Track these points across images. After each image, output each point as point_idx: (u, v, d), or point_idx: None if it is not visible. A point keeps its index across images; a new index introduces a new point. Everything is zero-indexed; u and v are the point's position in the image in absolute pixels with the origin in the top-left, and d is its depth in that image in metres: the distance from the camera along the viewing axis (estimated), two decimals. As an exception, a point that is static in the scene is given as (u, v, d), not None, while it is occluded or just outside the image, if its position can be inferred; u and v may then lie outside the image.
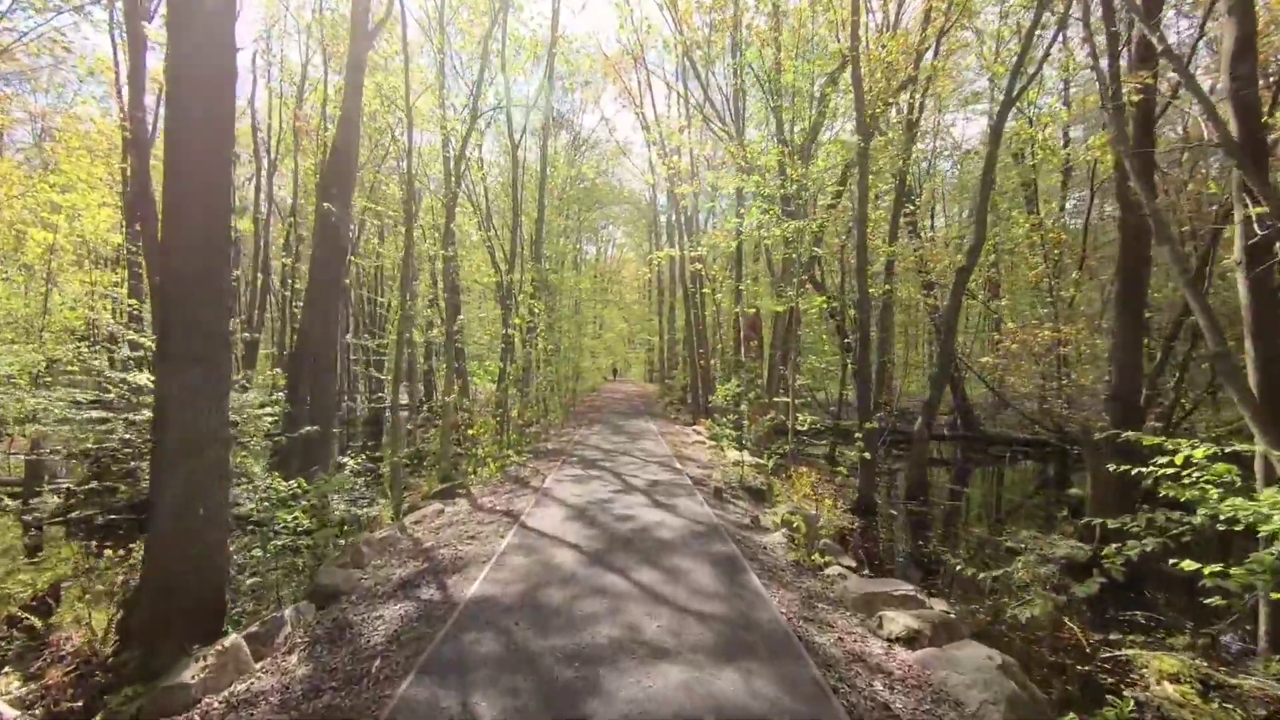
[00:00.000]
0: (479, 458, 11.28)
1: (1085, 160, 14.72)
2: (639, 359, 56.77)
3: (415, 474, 13.19)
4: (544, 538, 6.11)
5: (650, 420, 19.63)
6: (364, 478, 11.89)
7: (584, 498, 8.02)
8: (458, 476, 10.70)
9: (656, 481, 9.22)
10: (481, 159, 23.23)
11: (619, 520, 6.75)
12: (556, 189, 29.31)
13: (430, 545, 6.19)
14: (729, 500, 8.74)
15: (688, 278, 22.08)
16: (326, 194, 10.59)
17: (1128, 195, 6.89)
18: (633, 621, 4.05)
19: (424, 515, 8.07)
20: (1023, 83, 11.92)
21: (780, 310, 13.73)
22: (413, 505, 8.98)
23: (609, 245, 50.61)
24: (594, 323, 38.82)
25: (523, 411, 15.06)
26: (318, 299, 10.61)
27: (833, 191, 16.68)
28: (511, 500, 8.20)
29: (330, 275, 10.68)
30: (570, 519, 6.86)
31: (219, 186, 4.91)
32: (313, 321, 10.59)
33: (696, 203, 21.75)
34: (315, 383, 10.40)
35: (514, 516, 7.08)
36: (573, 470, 10.26)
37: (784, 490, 10.62)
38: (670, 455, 11.96)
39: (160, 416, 4.61)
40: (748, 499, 9.26)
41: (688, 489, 8.81)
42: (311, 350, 10.58)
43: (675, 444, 14.10)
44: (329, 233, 10.65)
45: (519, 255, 16.76)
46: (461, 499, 8.94)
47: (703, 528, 6.57)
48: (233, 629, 4.73)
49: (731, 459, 12.19)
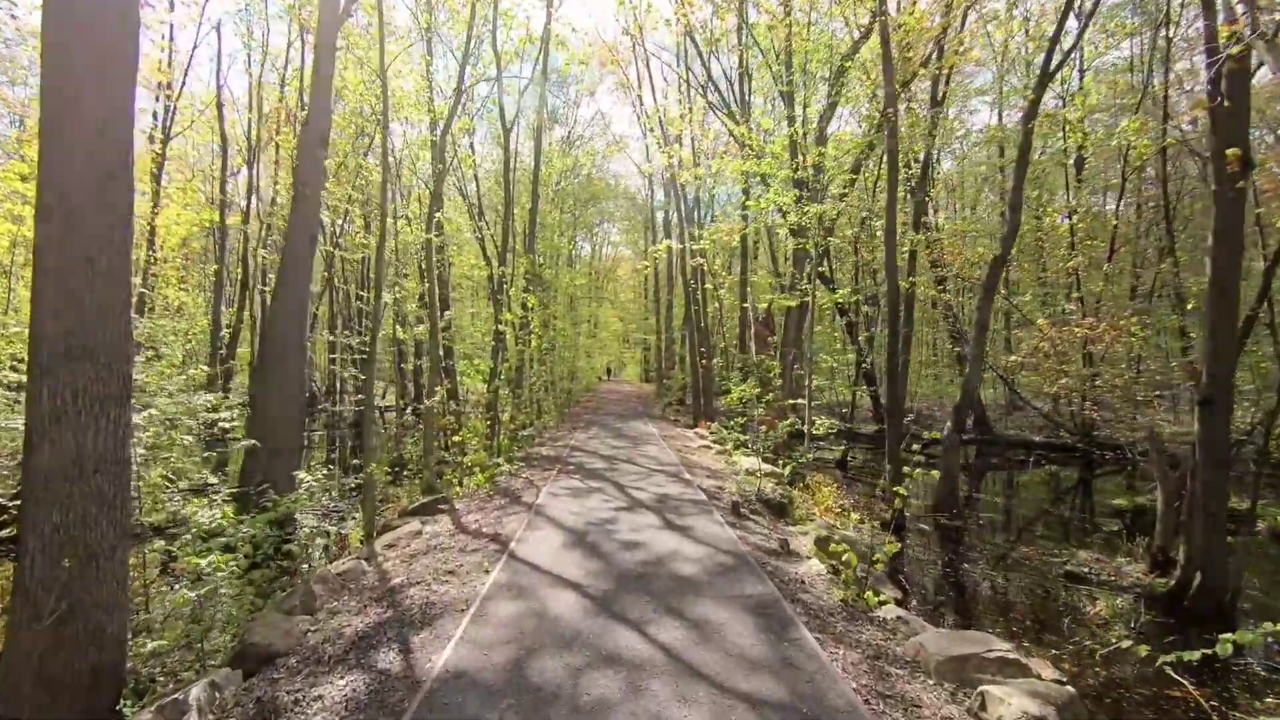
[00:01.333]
0: (465, 466, 10.17)
1: (1117, 146, 13.76)
2: (634, 359, 55.74)
3: (397, 483, 12.07)
4: (537, 573, 5.02)
5: (650, 423, 18.56)
6: (334, 490, 10.77)
7: (584, 516, 6.93)
8: (442, 488, 9.60)
9: (665, 495, 8.14)
10: (473, 146, 22.12)
11: (627, 548, 5.67)
12: (551, 182, 28.24)
13: (399, 582, 5.09)
14: (748, 517, 7.68)
15: (688, 273, 21.00)
16: (298, 176, 9.47)
17: (1223, 165, 5.86)
18: (660, 711, 2.98)
19: (399, 537, 6.97)
20: (1059, 57, 10.95)
21: (793, 305, 12.70)
22: (387, 524, 7.87)
23: (604, 244, 49.59)
24: (589, 321, 37.71)
25: (515, 414, 13.96)
26: (285, 292, 9.47)
27: (845, 180, 15.67)
28: (500, 520, 7.11)
29: (299, 266, 9.54)
30: (569, 546, 5.77)
31: (115, 108, 3.78)
32: (280, 316, 9.45)
33: (698, 193, 20.69)
34: (281, 384, 9.28)
35: (502, 543, 5.98)
36: (570, 481, 9.17)
37: (804, 503, 9.59)
38: (676, 463, 10.89)
39: (30, 430, 3.49)
40: (768, 515, 8.20)
41: (701, 504, 7.74)
42: (279, 350, 9.45)
43: (680, 449, 13.04)
44: (299, 219, 9.51)
45: (511, 248, 15.65)
46: (444, 516, 7.84)
47: (728, 557, 5.50)
48: (131, 707, 3.63)
49: (744, 467, 11.15)
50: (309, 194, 9.28)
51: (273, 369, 9.37)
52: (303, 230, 9.47)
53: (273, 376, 9.33)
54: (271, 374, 9.36)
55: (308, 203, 9.46)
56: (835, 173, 14.08)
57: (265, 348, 9.58)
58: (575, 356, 27.74)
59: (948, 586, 7.16)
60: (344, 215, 20.81)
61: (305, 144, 9.37)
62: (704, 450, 13.62)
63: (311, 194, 9.40)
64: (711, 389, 21.02)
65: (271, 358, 9.45)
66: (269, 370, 9.47)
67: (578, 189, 30.15)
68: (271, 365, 9.41)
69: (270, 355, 9.49)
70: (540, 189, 25.15)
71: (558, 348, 21.53)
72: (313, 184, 9.29)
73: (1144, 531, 8.43)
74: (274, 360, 9.37)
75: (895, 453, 9.49)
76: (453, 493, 9.39)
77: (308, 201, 9.45)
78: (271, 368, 9.40)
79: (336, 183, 18.59)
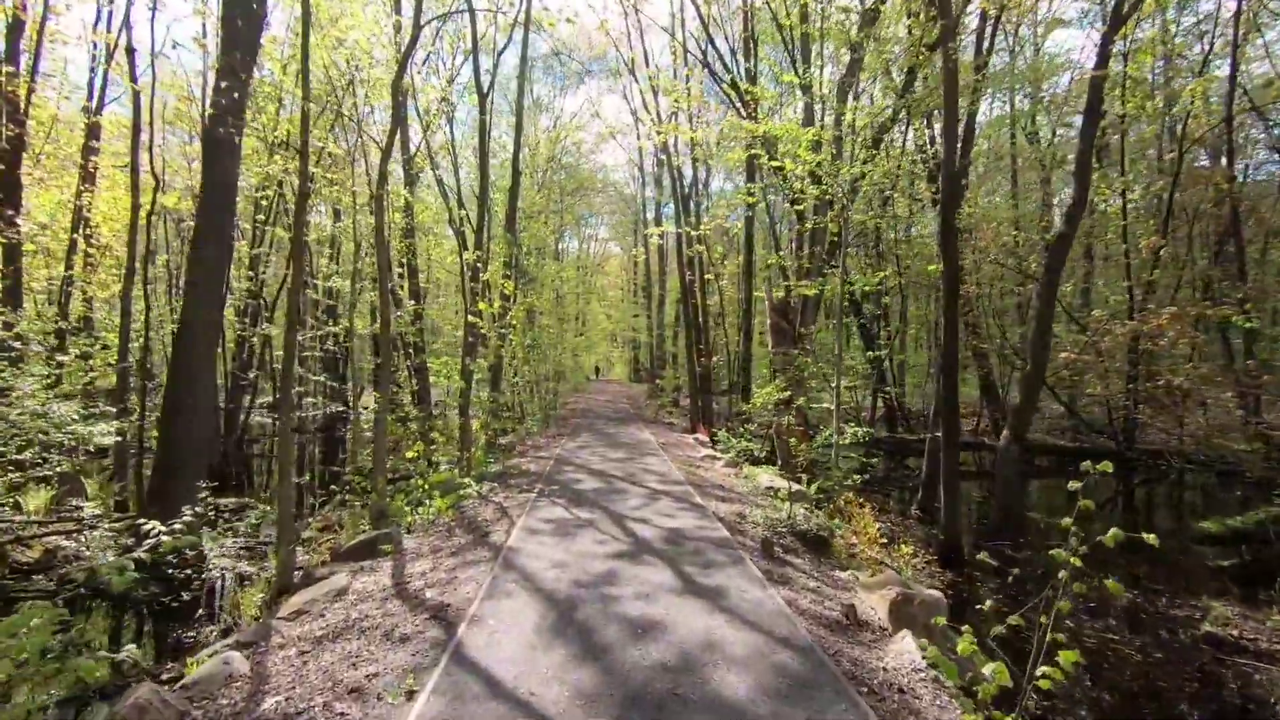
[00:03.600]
0: (423, 489, 8.24)
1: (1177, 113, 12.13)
2: (622, 358, 53.91)
3: (347, 504, 10.10)
4: (492, 697, 3.13)
5: (644, 427, 16.69)
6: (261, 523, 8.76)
7: (571, 569, 5.05)
8: (393, 515, 7.66)
9: (677, 531, 6.29)
10: (452, 127, 20.10)
11: (636, 636, 3.81)
12: (537, 168, 26.26)
13: (272, 710, 3.18)
14: (786, 561, 5.85)
15: (684, 263, 19.16)
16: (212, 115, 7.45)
17: None
18: None
19: (314, 599, 5.05)
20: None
21: (811, 292, 10.91)
22: (309, 573, 5.93)
23: (592, 241, 47.80)
24: (577, 319, 35.77)
25: (490, 421, 12.02)
26: (200, 275, 7.45)
27: (864, 158, 13.92)
28: (456, 574, 5.19)
29: (215, 243, 7.54)
30: (548, 631, 3.89)
31: None
32: (195, 308, 7.43)
33: (695, 175, 18.85)
34: (183, 393, 7.30)
35: (448, 624, 4.08)
36: (554, 509, 7.28)
37: (842, 531, 7.79)
38: (682, 480, 9.05)
39: None
40: (807, 554, 6.39)
41: (725, 544, 5.90)
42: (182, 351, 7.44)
43: (683, 462, 11.20)
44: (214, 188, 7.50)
45: (487, 230, 13.70)
46: (385, 562, 5.92)
47: (787, 653, 3.65)
48: None
49: (762, 484, 9.34)
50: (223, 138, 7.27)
51: (178, 373, 7.38)
52: (219, 193, 7.48)
53: (176, 384, 7.34)
54: (176, 380, 7.38)
55: (222, 161, 7.46)
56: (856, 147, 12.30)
57: (174, 349, 7.60)
58: (562, 355, 25.76)
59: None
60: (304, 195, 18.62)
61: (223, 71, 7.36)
62: (710, 461, 11.80)
63: (226, 144, 7.40)
64: (710, 390, 19.24)
65: (177, 359, 7.45)
66: (175, 375, 7.48)
67: (564, 180, 28.23)
68: (177, 368, 7.42)
69: (176, 357, 7.48)
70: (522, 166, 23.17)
71: (541, 345, 19.56)
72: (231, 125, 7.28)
73: (1272, 569, 6.76)
74: (179, 362, 7.37)
75: (953, 481, 7.69)
76: (406, 522, 7.46)
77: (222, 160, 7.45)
78: (177, 371, 7.41)
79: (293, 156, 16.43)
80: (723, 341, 22.44)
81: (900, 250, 15.11)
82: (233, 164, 7.52)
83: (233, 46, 7.51)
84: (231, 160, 7.38)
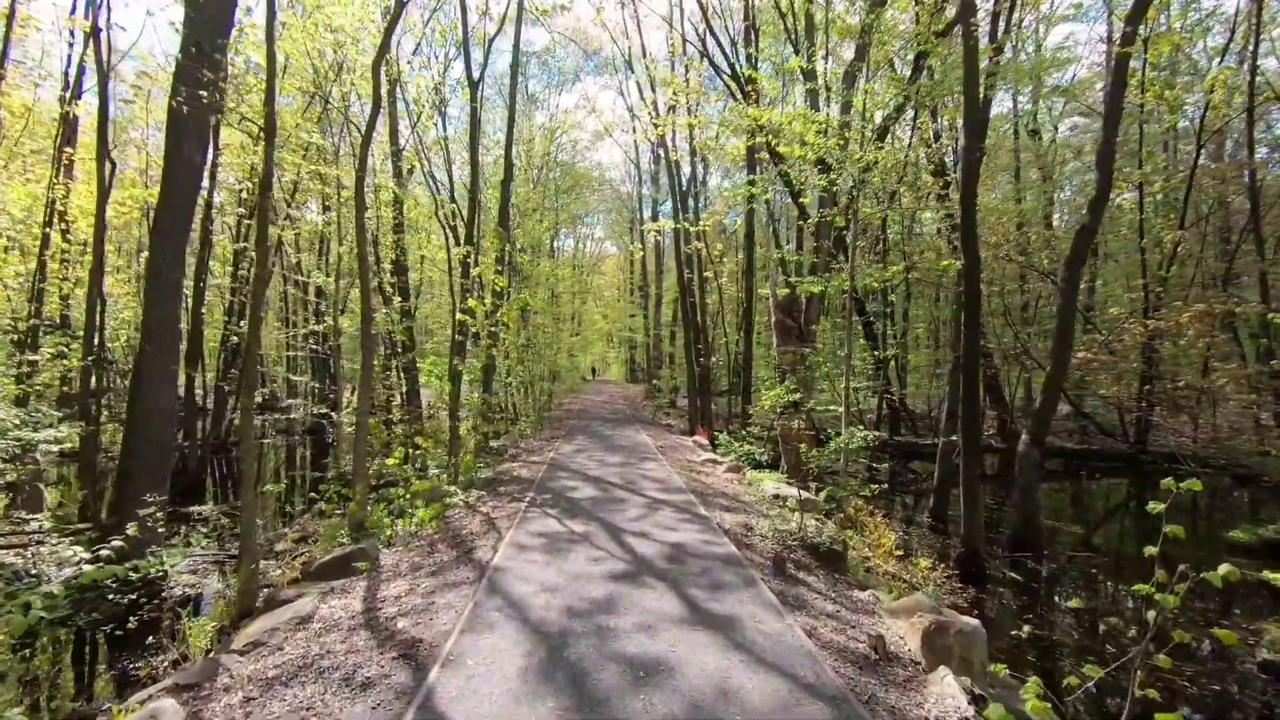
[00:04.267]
0: (405, 498, 7.68)
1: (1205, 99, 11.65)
2: (618, 358, 53.39)
3: (326, 514, 9.52)
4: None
5: (642, 429, 16.15)
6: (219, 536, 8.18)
7: (563, 594, 4.50)
8: (371, 526, 7.10)
9: (681, 545, 5.75)
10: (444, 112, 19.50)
11: (638, 681, 3.26)
12: (532, 164, 25.70)
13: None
14: (800, 580, 5.32)
15: (683, 260, 18.62)
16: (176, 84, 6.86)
17: None
18: None
19: (274, 628, 4.49)
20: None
21: (816, 290, 10.39)
22: (273, 595, 5.36)
23: (588, 241, 47.31)
24: (573, 319, 35.20)
25: (479, 424, 11.46)
26: (159, 269, 6.85)
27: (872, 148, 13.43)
28: (434, 598, 4.64)
29: (176, 235, 6.95)
30: (534, 675, 3.34)
31: None
32: (152, 304, 6.83)
33: (693, 170, 18.33)
34: (144, 394, 6.71)
35: (420, 664, 3.53)
36: (546, 521, 6.73)
37: (858, 545, 7.27)
38: (683, 487, 8.51)
39: None
40: (820, 570, 5.86)
41: (733, 561, 5.36)
42: (146, 350, 6.85)
43: (683, 466, 10.67)
44: (177, 175, 6.91)
45: (478, 225, 13.16)
46: (358, 583, 5.36)
47: (820, 707, 3.12)
48: None
49: (768, 492, 8.81)
50: (187, 112, 6.67)
51: (137, 374, 6.79)
52: (182, 180, 6.88)
53: (136, 386, 6.75)
54: (135, 382, 6.79)
55: (186, 144, 6.86)
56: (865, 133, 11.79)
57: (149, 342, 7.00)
58: (557, 354, 25.18)
59: (1106, 689, 4.85)
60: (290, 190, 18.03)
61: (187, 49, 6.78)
62: (711, 466, 11.27)
63: (191, 125, 6.81)
64: (709, 391, 18.72)
65: (137, 359, 6.85)
66: (134, 376, 6.88)
67: (560, 177, 27.68)
68: (137, 369, 6.83)
69: (142, 356, 6.88)
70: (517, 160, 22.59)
71: (536, 345, 18.98)
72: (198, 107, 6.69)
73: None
74: (138, 362, 6.78)
75: (973, 489, 7.18)
76: (385, 535, 6.89)
77: (185, 143, 6.85)
78: (137, 372, 6.82)
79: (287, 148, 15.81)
80: (722, 341, 21.92)
81: (906, 246, 14.61)
82: (197, 148, 6.94)
83: (198, 22, 6.94)
84: (196, 144, 6.79)
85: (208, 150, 6.93)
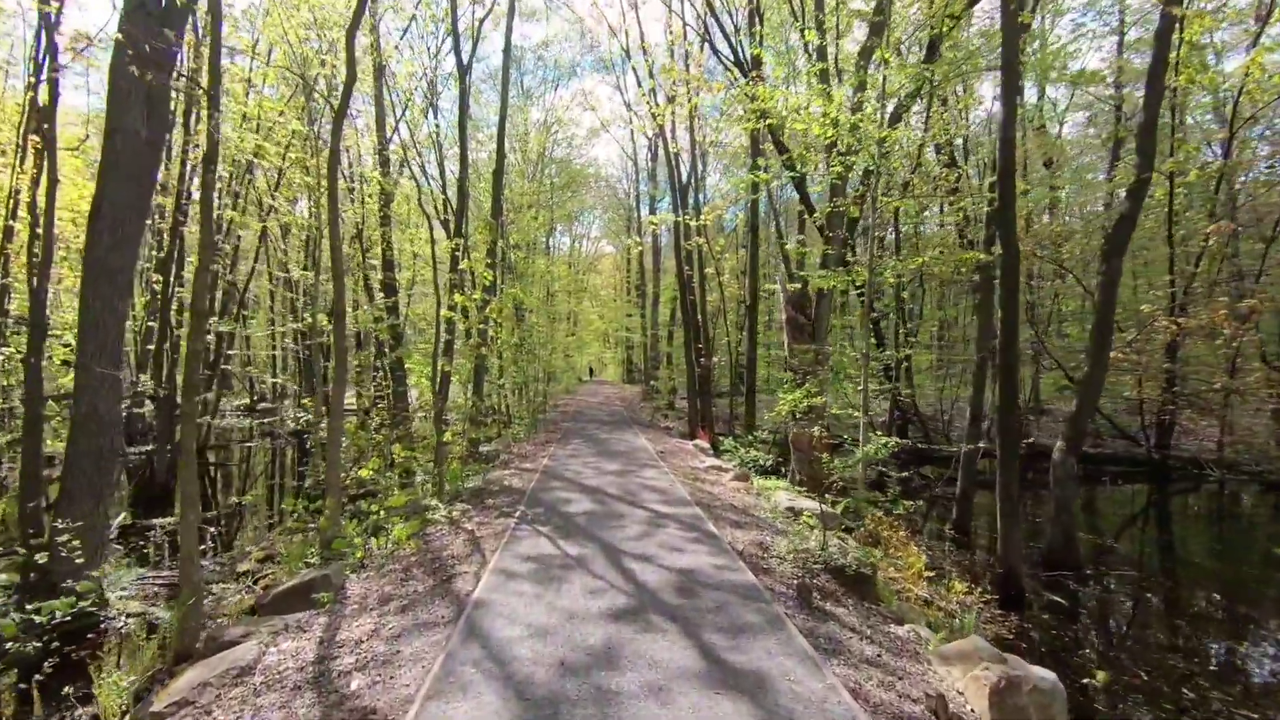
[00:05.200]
0: (378, 514, 6.91)
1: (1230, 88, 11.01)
2: (615, 359, 52.65)
3: (295, 530, 8.74)
4: None
5: (640, 432, 15.40)
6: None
7: (553, 643, 3.75)
8: (341, 545, 6.33)
9: (690, 573, 5.00)
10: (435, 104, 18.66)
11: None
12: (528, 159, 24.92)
13: None
14: (831, 615, 4.59)
15: (683, 257, 17.88)
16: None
17: None
18: None
19: (205, 684, 3.72)
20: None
21: (832, 284, 9.67)
22: (213, 636, 4.59)
23: (584, 240, 46.56)
24: (569, 319, 34.42)
25: (466, 428, 10.69)
26: (96, 256, 6.04)
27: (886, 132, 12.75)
28: (400, 644, 3.89)
29: (118, 218, 6.15)
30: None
31: None
32: (90, 296, 6.02)
33: (693, 163, 17.59)
34: (87, 396, 5.92)
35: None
36: (536, 542, 5.98)
37: (884, 565, 6.54)
38: (688, 499, 7.77)
39: None
40: (853, 602, 5.12)
41: (753, 595, 4.63)
42: (87, 350, 6.05)
43: (686, 474, 9.93)
44: (118, 151, 6.11)
45: (467, 216, 12.39)
46: (318, 619, 4.61)
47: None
48: None
49: (781, 504, 8.08)
50: (130, 88, 5.89)
51: (77, 376, 6.00)
52: (125, 157, 6.08)
53: (77, 389, 5.96)
54: (76, 385, 5.99)
55: (129, 116, 6.07)
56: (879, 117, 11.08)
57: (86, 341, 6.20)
58: (553, 355, 24.38)
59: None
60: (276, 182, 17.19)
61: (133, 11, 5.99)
62: (716, 473, 10.54)
63: (135, 94, 6.01)
64: (710, 392, 18.00)
65: (80, 359, 6.05)
66: (75, 378, 6.09)
67: (556, 174, 26.90)
68: (78, 370, 6.03)
69: (79, 356, 6.07)
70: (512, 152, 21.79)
71: (530, 345, 18.19)
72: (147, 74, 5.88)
73: None
74: (81, 362, 5.98)
75: (1011, 503, 6.46)
76: (357, 556, 6.12)
77: (128, 115, 6.06)
78: (77, 374, 6.02)
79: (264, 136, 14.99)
80: (722, 340, 21.21)
81: (918, 241, 13.92)
82: (145, 120, 6.14)
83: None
84: (141, 115, 6.00)
85: (167, 126, 6.15)
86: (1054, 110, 23.00)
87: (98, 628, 5.76)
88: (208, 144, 4.65)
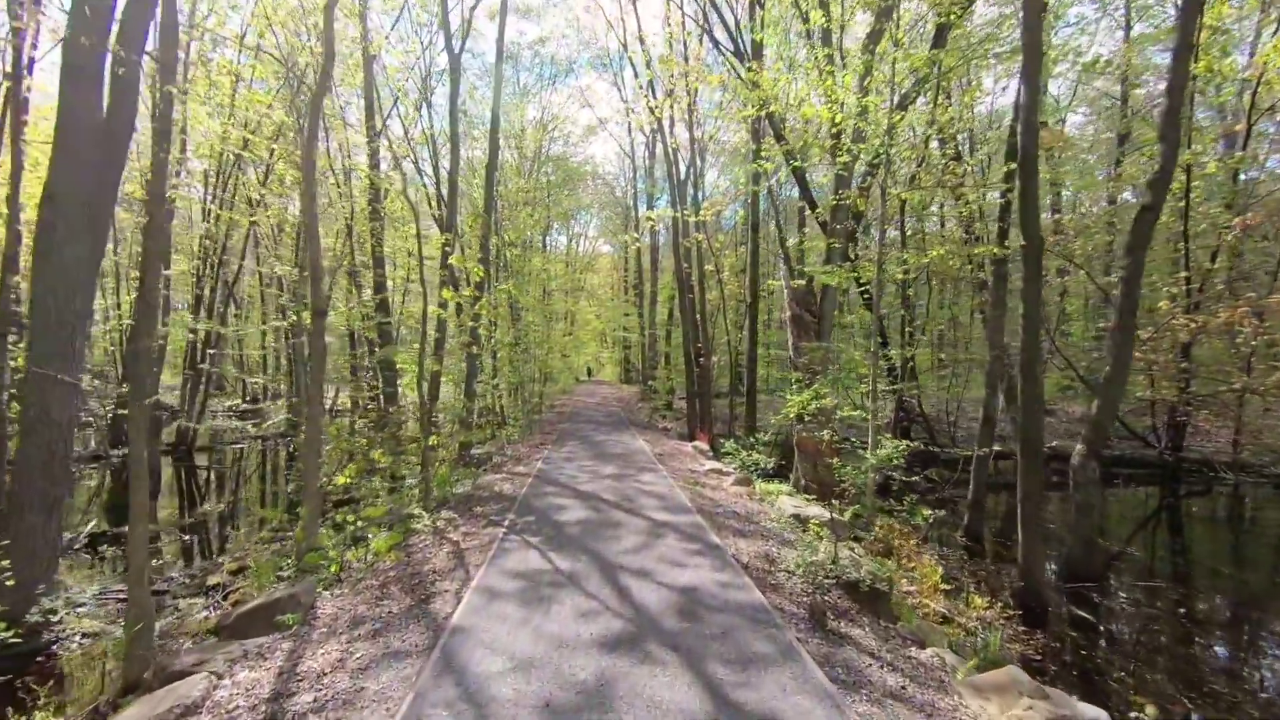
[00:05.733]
0: (357, 524, 6.47)
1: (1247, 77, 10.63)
2: (612, 359, 52.16)
3: (270, 540, 8.29)
4: None
5: (637, 434, 14.97)
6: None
7: (538, 679, 3.33)
8: (317, 557, 5.89)
9: (693, 594, 4.57)
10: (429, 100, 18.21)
11: None
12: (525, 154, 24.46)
13: None
14: (846, 637, 4.17)
15: (681, 255, 17.45)
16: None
17: None
18: None
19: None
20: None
21: (840, 279, 9.26)
22: (163, 665, 4.14)
23: (581, 239, 46.07)
24: (566, 319, 33.92)
25: (457, 431, 10.24)
26: (53, 238, 5.58)
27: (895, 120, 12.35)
28: (366, 678, 3.45)
29: (76, 203, 5.69)
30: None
31: None
32: (41, 293, 5.55)
33: (692, 156, 17.16)
34: (36, 398, 5.47)
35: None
36: (525, 555, 5.54)
37: (898, 577, 6.12)
38: (689, 507, 7.34)
39: None
40: (869, 620, 4.69)
41: (761, 616, 4.20)
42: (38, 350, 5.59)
43: (684, 478, 9.51)
44: (72, 132, 5.65)
45: (457, 208, 11.95)
46: (281, 645, 4.17)
47: None
48: None
49: (785, 510, 7.66)
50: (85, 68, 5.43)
51: (27, 378, 5.53)
52: (79, 140, 5.62)
53: (26, 391, 5.50)
54: (26, 387, 5.53)
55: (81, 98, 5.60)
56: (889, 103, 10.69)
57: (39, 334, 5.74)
58: (549, 354, 23.92)
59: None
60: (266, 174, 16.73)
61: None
62: (716, 477, 10.12)
63: (89, 74, 5.56)
64: (709, 392, 17.57)
65: (31, 359, 5.58)
66: (26, 380, 5.62)
67: (552, 172, 26.43)
68: (28, 372, 5.56)
69: (30, 356, 5.61)
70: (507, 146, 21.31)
71: (525, 344, 17.74)
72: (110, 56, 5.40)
73: None
74: (32, 362, 5.51)
75: (1033, 512, 6.03)
76: (334, 570, 5.68)
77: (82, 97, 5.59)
78: (27, 376, 5.56)
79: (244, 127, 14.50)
80: (722, 340, 20.79)
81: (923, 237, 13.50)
82: (100, 97, 5.67)
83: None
84: (94, 91, 5.53)
85: (131, 105, 5.69)
86: (1056, 106, 22.64)
87: (48, 650, 5.31)
88: (159, 118, 4.21)
